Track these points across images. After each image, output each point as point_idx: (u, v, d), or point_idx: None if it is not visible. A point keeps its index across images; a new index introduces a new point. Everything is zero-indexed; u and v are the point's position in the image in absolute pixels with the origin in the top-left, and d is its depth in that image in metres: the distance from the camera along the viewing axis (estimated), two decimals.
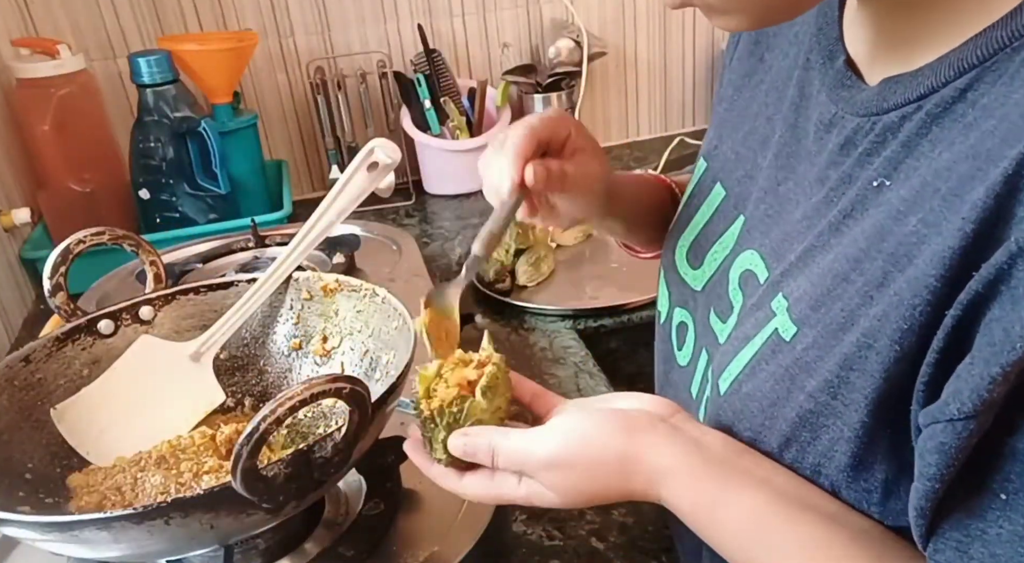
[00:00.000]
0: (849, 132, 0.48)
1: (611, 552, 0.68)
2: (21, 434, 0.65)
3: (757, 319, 0.51)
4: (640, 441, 0.48)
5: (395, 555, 0.62)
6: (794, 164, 0.53)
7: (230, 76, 1.38)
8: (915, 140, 0.43)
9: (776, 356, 0.48)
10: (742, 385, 0.51)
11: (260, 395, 0.76)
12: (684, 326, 0.64)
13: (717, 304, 0.58)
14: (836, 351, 0.44)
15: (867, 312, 0.42)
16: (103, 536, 0.48)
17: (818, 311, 0.45)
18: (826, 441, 0.45)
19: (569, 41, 1.54)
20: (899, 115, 0.44)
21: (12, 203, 1.27)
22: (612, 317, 1.09)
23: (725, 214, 0.60)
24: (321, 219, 0.73)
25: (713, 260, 0.60)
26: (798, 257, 0.49)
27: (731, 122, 0.63)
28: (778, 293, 0.49)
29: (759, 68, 0.61)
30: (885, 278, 0.41)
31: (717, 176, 0.63)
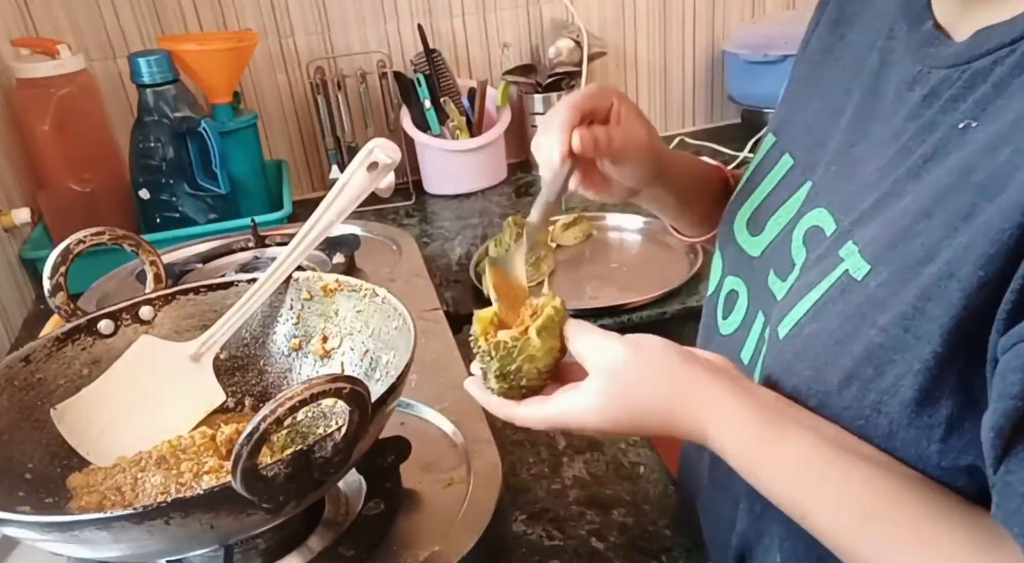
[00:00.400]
0: (935, 83, 0.48)
1: (611, 552, 0.68)
2: (21, 434, 0.65)
3: (823, 267, 0.51)
4: (699, 372, 0.50)
5: (395, 555, 0.62)
6: (868, 127, 0.54)
7: (230, 76, 1.38)
8: (1007, 80, 0.43)
9: (845, 296, 0.48)
10: (804, 327, 0.51)
11: (260, 395, 0.76)
12: (734, 294, 0.65)
13: (777, 265, 0.59)
14: (914, 284, 0.44)
15: (950, 243, 0.42)
16: (103, 536, 0.48)
17: (895, 249, 0.46)
18: (891, 377, 0.45)
19: (569, 41, 1.54)
20: (991, 59, 0.45)
21: (12, 203, 1.27)
22: (612, 317, 1.09)
23: (791, 181, 0.61)
24: (321, 219, 0.73)
25: (776, 225, 0.61)
26: (871, 206, 0.49)
27: (805, 97, 0.64)
28: (847, 241, 0.50)
29: (838, 46, 0.62)
30: (973, 209, 0.42)
31: (786, 147, 0.63)
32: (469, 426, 0.74)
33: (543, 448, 0.81)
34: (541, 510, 0.73)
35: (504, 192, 1.56)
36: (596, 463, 0.79)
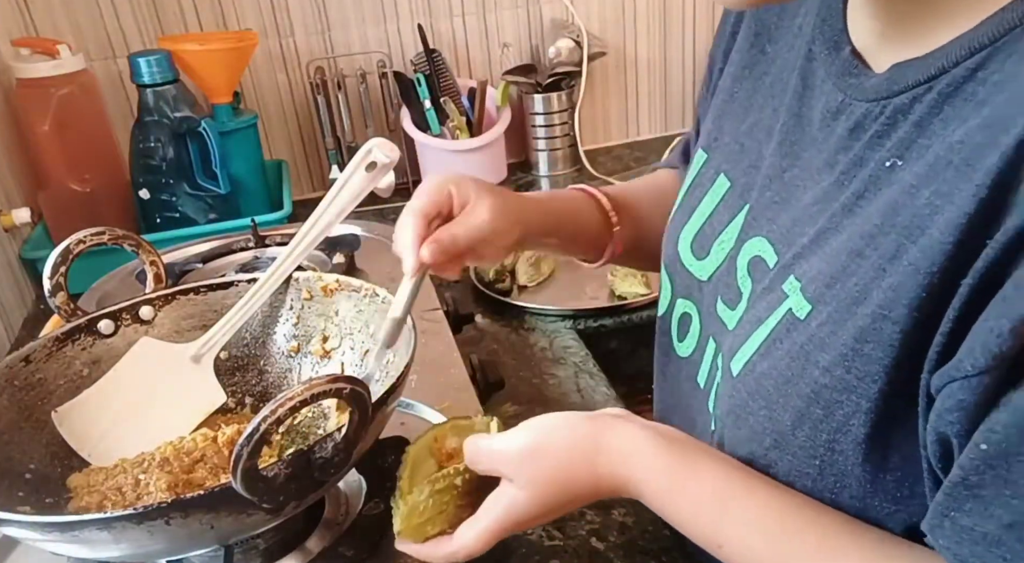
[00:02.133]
0: (858, 117, 0.48)
1: (611, 552, 0.68)
2: (21, 434, 0.65)
3: (769, 301, 0.51)
4: (602, 427, 0.52)
5: (395, 555, 0.62)
6: (799, 151, 0.54)
7: (230, 76, 1.38)
8: (927, 120, 0.44)
9: (790, 334, 0.49)
10: (756, 365, 0.51)
11: (260, 395, 0.76)
12: (687, 317, 0.65)
13: (725, 292, 0.59)
14: (850, 325, 0.44)
15: (880, 284, 0.43)
16: (103, 536, 0.48)
17: (832, 288, 0.46)
18: (840, 416, 0.45)
19: (569, 41, 1.54)
20: (910, 97, 0.45)
21: (12, 203, 1.27)
22: (612, 317, 1.09)
23: (730, 204, 0.60)
24: (320, 219, 0.73)
25: (720, 249, 0.60)
26: (811, 240, 0.49)
27: (733, 113, 0.63)
28: (790, 275, 0.50)
29: (761, 59, 0.62)
30: (898, 250, 0.42)
31: (720, 167, 0.63)
32: None
33: None
34: None
35: None
36: None
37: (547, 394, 0.93)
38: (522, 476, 0.52)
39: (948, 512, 0.39)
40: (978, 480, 0.38)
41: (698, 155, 0.67)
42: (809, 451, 0.48)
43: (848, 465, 0.46)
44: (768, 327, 0.51)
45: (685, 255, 0.65)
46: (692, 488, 0.49)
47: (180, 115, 1.29)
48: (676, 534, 0.67)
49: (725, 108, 0.65)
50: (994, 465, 0.37)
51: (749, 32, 0.64)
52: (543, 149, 1.60)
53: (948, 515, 0.39)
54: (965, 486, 0.38)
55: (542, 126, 1.58)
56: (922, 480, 0.44)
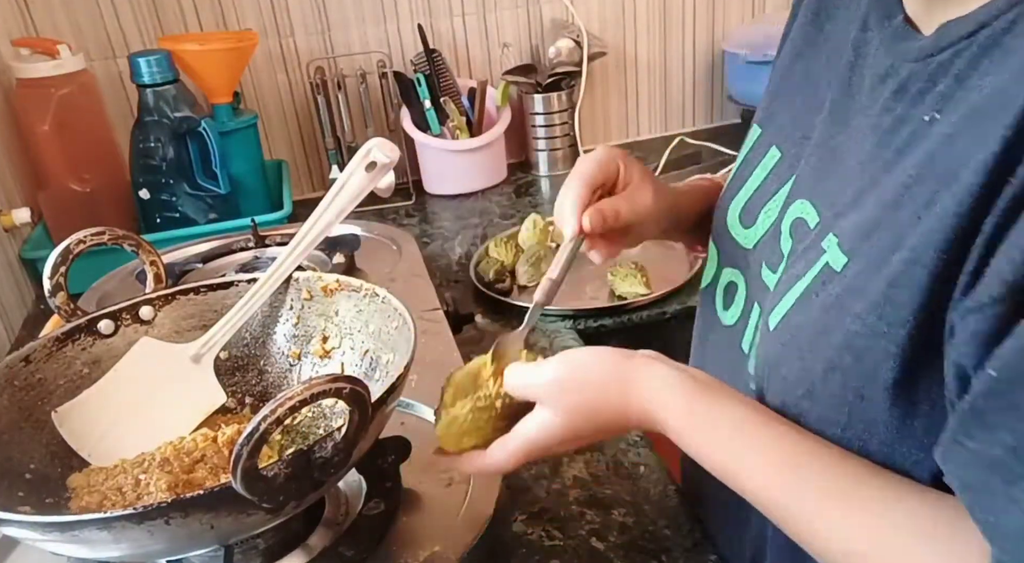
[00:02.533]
0: (904, 78, 0.49)
1: (611, 552, 0.68)
2: (21, 434, 0.65)
3: (808, 259, 0.53)
4: (635, 364, 0.54)
5: (395, 555, 0.62)
6: (847, 119, 0.55)
7: (230, 76, 1.38)
8: (965, 73, 0.44)
9: (826, 287, 0.50)
10: (791, 318, 0.53)
11: (260, 395, 0.76)
12: (733, 286, 0.66)
13: (769, 257, 0.60)
14: (884, 272, 0.45)
15: (915, 231, 0.44)
16: (103, 536, 0.48)
17: (869, 239, 0.47)
18: (870, 363, 0.46)
19: (569, 41, 1.54)
20: (952, 52, 0.45)
21: (12, 203, 1.27)
22: (612, 317, 1.09)
23: (779, 174, 0.62)
24: (320, 219, 0.73)
25: (767, 217, 0.62)
26: (850, 199, 0.50)
27: (789, 89, 0.65)
28: (829, 233, 0.51)
29: (819, 38, 0.63)
30: (933, 197, 0.43)
31: (773, 140, 0.64)
32: None
33: None
34: (541, 510, 0.73)
35: (504, 192, 1.56)
36: (596, 463, 0.79)
37: None
38: (556, 404, 0.53)
39: (957, 437, 0.40)
40: (985, 405, 0.39)
41: (752, 130, 0.68)
42: (839, 398, 0.49)
43: (876, 412, 0.47)
44: (805, 282, 0.52)
45: (733, 224, 0.66)
46: (713, 427, 0.51)
47: (180, 115, 1.29)
48: (676, 533, 0.68)
49: (782, 85, 0.66)
50: (1001, 390, 0.38)
51: (808, 11, 0.65)
52: (543, 149, 1.61)
53: (957, 440, 0.40)
54: (973, 412, 0.39)
55: (542, 126, 1.58)
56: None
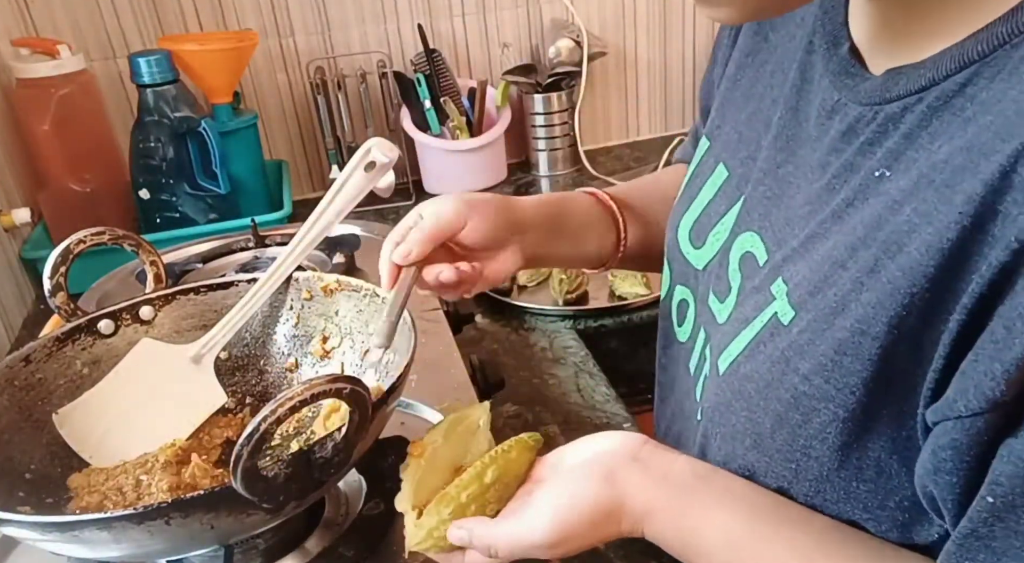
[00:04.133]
0: (852, 120, 0.48)
1: (611, 552, 0.68)
2: (21, 434, 0.65)
3: (757, 302, 0.51)
4: (619, 489, 0.51)
5: (395, 555, 0.62)
6: (794, 147, 0.54)
7: (230, 76, 1.38)
8: (916, 132, 0.43)
9: (774, 339, 0.49)
10: (740, 366, 0.52)
11: (260, 395, 0.76)
12: (685, 303, 0.65)
13: (716, 284, 0.59)
14: (829, 335, 0.44)
15: (858, 298, 0.43)
16: (103, 536, 0.48)
17: (815, 296, 0.46)
18: (818, 423, 0.45)
19: (569, 41, 1.54)
20: (901, 106, 0.44)
21: (12, 203, 1.27)
22: (612, 317, 1.09)
23: (728, 194, 0.60)
24: (320, 219, 0.73)
25: (715, 240, 0.60)
26: (800, 243, 0.49)
27: (734, 101, 0.63)
28: (778, 277, 0.50)
29: (763, 47, 0.61)
30: (876, 265, 0.42)
31: (720, 156, 0.63)
32: None
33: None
34: None
35: (504, 192, 1.55)
36: None
37: (547, 394, 0.93)
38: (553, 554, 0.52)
39: (961, 560, 0.39)
40: (988, 532, 0.38)
41: (702, 142, 0.67)
42: (786, 454, 0.48)
43: (824, 471, 0.46)
44: (754, 329, 0.51)
45: (684, 243, 0.65)
46: (704, 545, 0.49)
47: (180, 115, 1.29)
48: None
49: (728, 95, 0.64)
50: (1003, 517, 0.37)
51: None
52: (543, 149, 1.61)
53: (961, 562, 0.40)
54: (976, 537, 0.38)
55: (542, 126, 1.58)
56: (895, 494, 0.44)
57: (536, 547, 0.51)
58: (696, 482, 0.51)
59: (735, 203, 0.59)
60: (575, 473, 0.52)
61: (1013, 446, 0.36)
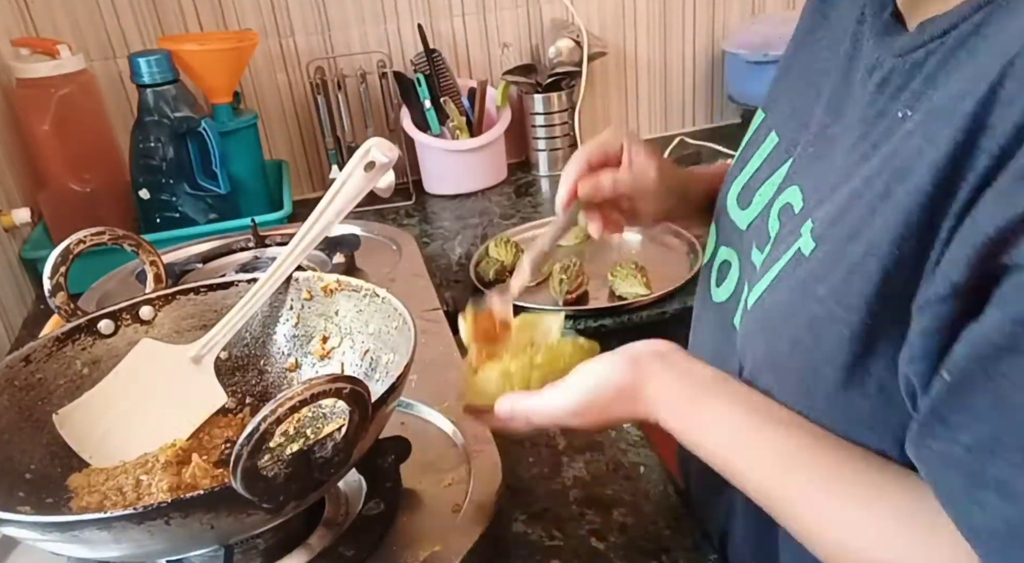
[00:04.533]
0: (886, 72, 0.51)
1: (611, 552, 0.68)
2: (21, 434, 0.65)
3: (787, 243, 0.55)
4: (642, 375, 0.56)
5: (395, 555, 0.62)
6: (842, 109, 0.56)
7: (230, 76, 1.38)
8: (935, 72, 0.46)
9: (796, 270, 0.52)
10: (765, 299, 0.56)
11: (260, 395, 0.76)
12: (727, 264, 0.68)
13: (758, 238, 0.62)
14: (843, 260, 0.47)
15: (871, 223, 0.46)
16: (103, 536, 0.48)
17: (834, 226, 0.49)
18: (827, 344, 0.49)
19: (569, 41, 1.54)
20: (925, 51, 0.47)
21: (12, 203, 1.27)
22: (612, 317, 1.09)
23: (776, 158, 0.64)
24: (319, 220, 0.73)
25: (760, 200, 0.64)
26: (831, 187, 0.52)
27: (792, 75, 0.66)
28: (808, 219, 0.53)
29: (823, 25, 0.64)
30: (887, 190, 0.45)
31: (773, 125, 0.66)
32: (469, 426, 0.74)
33: (543, 448, 0.81)
34: (541, 510, 0.73)
35: (504, 192, 1.56)
36: (596, 463, 0.79)
37: None
38: (576, 422, 0.58)
39: (922, 438, 0.43)
40: (943, 408, 0.41)
41: (757, 113, 0.70)
42: (799, 376, 0.51)
43: (831, 390, 0.49)
44: (780, 264, 0.55)
45: (731, 205, 0.68)
46: (710, 432, 0.54)
47: (180, 115, 1.29)
48: (676, 533, 0.68)
49: (786, 71, 0.68)
50: (956, 393, 0.40)
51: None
52: (543, 149, 1.61)
53: (923, 441, 0.43)
54: (933, 414, 0.42)
55: (542, 126, 1.58)
56: (896, 412, 0.47)
57: (563, 413, 0.57)
58: (713, 383, 0.56)
59: (782, 165, 0.62)
60: (606, 358, 0.58)
61: (972, 328, 0.39)
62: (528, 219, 1.39)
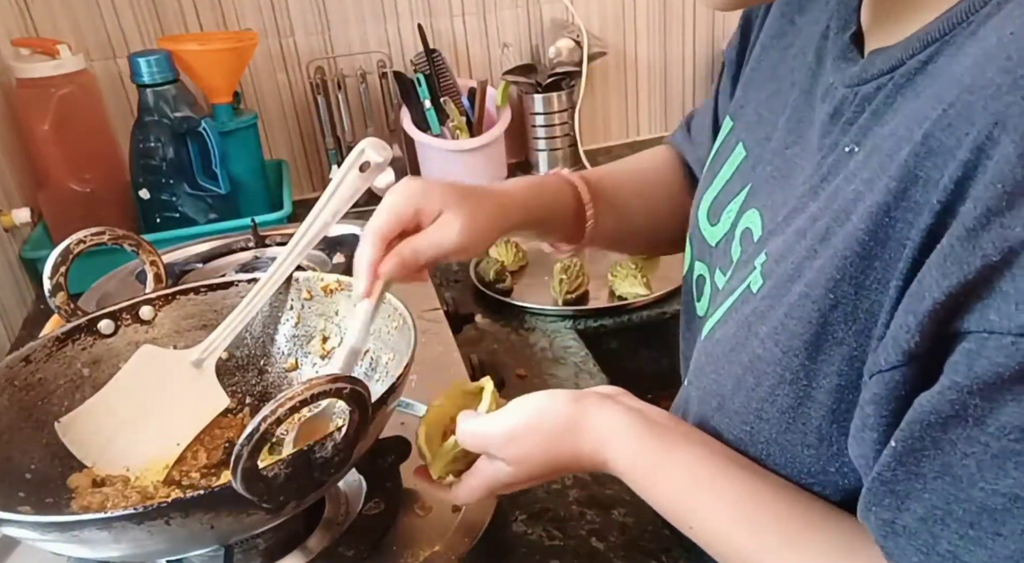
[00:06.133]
0: (837, 102, 0.50)
1: (611, 552, 0.68)
2: (21, 434, 0.65)
3: (742, 274, 0.54)
4: (586, 408, 0.53)
5: (395, 555, 0.62)
6: (803, 129, 0.55)
7: (230, 76, 1.38)
8: (882, 109, 0.45)
9: (744, 306, 0.52)
10: (716, 332, 0.55)
11: (260, 395, 0.76)
12: (702, 279, 0.67)
13: (722, 260, 0.61)
14: (784, 301, 0.47)
15: (810, 265, 0.45)
16: (103, 536, 0.48)
17: (779, 265, 0.49)
18: (767, 386, 0.48)
19: (569, 41, 1.54)
20: (875, 86, 0.46)
21: (12, 203, 1.27)
22: (612, 317, 1.09)
23: (743, 174, 0.62)
24: (316, 221, 0.73)
25: (727, 218, 0.62)
26: (783, 218, 0.51)
27: (758, 82, 0.65)
28: (763, 251, 0.52)
29: (790, 30, 0.62)
30: (827, 232, 0.44)
31: (740, 136, 0.64)
32: None
33: None
34: (541, 510, 0.73)
35: None
36: None
37: None
38: (507, 455, 0.54)
39: (871, 507, 0.42)
40: (891, 476, 0.40)
41: (725, 121, 0.68)
42: (742, 417, 0.50)
43: (773, 434, 0.48)
44: (732, 298, 0.54)
45: (702, 220, 0.67)
46: (664, 475, 0.51)
47: (180, 115, 1.29)
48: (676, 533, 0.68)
49: (752, 76, 0.66)
50: (904, 461, 0.39)
51: (782, 1, 0.64)
52: (543, 149, 1.61)
53: (871, 509, 0.42)
54: (881, 482, 0.40)
55: (542, 126, 1.58)
56: (835, 461, 0.46)
57: (491, 438, 0.54)
58: (667, 422, 0.53)
59: (749, 182, 0.61)
60: (547, 392, 0.55)
61: (922, 396, 0.38)
62: None
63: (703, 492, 0.50)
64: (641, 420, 0.52)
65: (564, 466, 0.54)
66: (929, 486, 0.38)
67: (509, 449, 0.53)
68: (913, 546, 0.39)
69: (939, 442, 0.37)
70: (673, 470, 0.50)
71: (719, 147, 0.68)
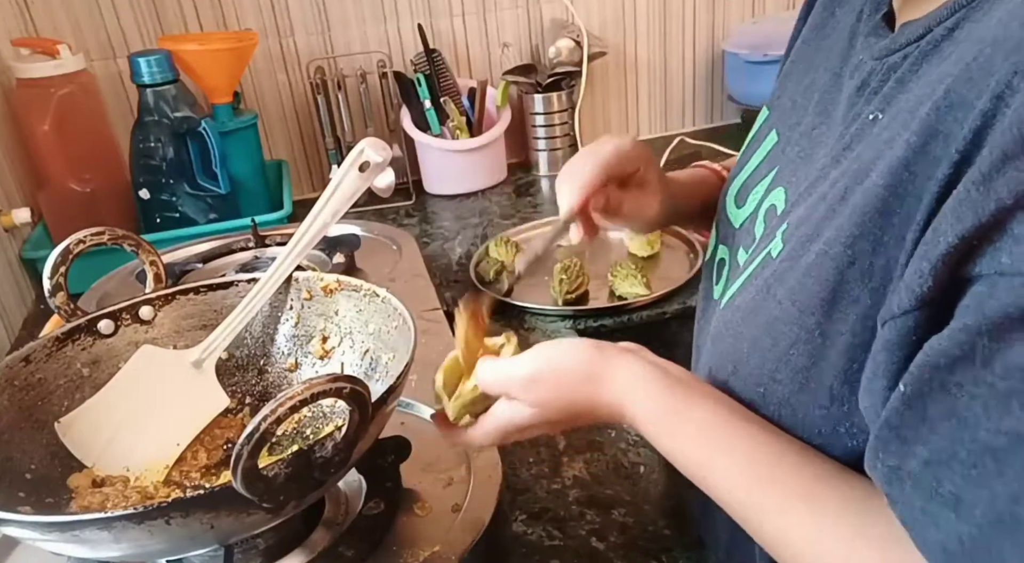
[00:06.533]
0: (865, 74, 0.51)
1: (611, 552, 0.68)
2: (21, 434, 0.65)
3: (764, 245, 0.55)
4: (608, 357, 0.53)
5: (395, 555, 0.62)
6: (830, 109, 0.56)
7: (230, 76, 1.38)
8: (907, 76, 0.46)
9: (763, 271, 0.52)
10: (735, 300, 0.56)
11: (260, 395, 0.76)
12: (723, 262, 0.68)
13: (746, 239, 0.62)
14: (802, 261, 0.47)
15: (829, 224, 0.46)
16: (103, 536, 0.48)
17: (799, 228, 0.49)
18: (783, 346, 0.48)
19: (569, 41, 1.54)
20: (901, 55, 0.47)
21: (12, 203, 1.27)
22: (612, 317, 1.09)
23: (773, 157, 0.64)
24: (316, 221, 0.73)
25: (754, 198, 0.63)
26: (805, 188, 0.52)
27: (796, 72, 0.66)
28: (785, 222, 0.53)
29: (829, 22, 0.64)
30: (846, 192, 0.45)
31: (774, 124, 0.66)
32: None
33: (543, 448, 0.81)
34: (541, 510, 0.73)
35: (504, 192, 1.56)
36: (596, 463, 0.79)
37: None
38: (528, 397, 0.54)
39: (878, 454, 0.41)
40: (899, 421, 0.40)
41: (762, 111, 0.70)
42: (757, 379, 0.51)
43: (785, 394, 0.49)
44: (753, 266, 0.55)
45: (729, 203, 0.68)
46: (682, 428, 0.51)
47: (180, 115, 1.29)
48: (676, 533, 0.68)
49: (791, 67, 0.67)
50: (912, 405, 0.39)
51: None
52: (543, 149, 1.61)
53: (878, 457, 0.41)
54: (889, 427, 0.40)
55: (542, 126, 1.58)
56: (845, 420, 0.46)
57: (513, 380, 0.53)
58: (686, 377, 0.53)
59: (776, 165, 0.62)
60: (570, 340, 0.55)
61: (932, 340, 0.38)
62: (528, 219, 1.39)
63: (721, 445, 0.50)
64: (661, 374, 0.52)
65: (581, 413, 0.54)
66: (935, 429, 0.38)
67: (530, 391, 0.53)
68: (916, 491, 0.39)
69: (946, 384, 0.37)
70: (691, 424, 0.51)
71: (754, 134, 0.69)
